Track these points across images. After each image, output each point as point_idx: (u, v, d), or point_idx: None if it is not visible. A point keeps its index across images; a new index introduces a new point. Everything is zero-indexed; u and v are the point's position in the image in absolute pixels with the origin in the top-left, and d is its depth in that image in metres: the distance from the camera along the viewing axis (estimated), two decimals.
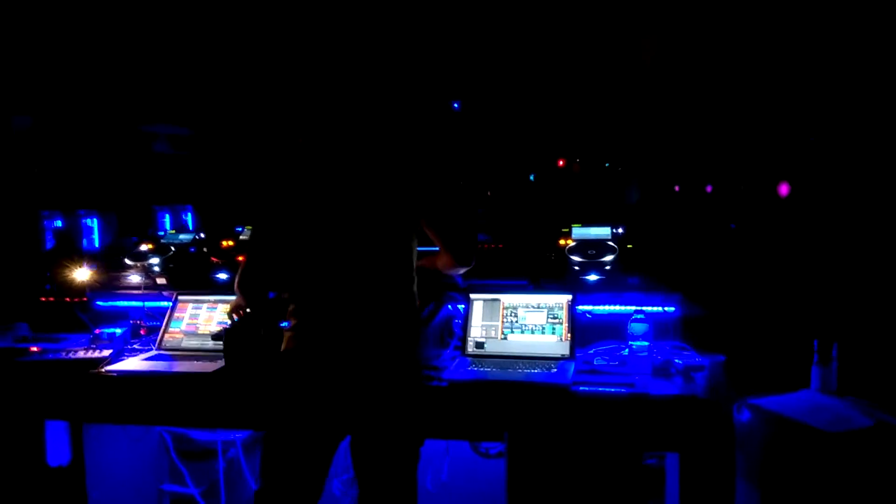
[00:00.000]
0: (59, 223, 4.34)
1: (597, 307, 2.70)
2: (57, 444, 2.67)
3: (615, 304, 2.68)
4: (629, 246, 2.94)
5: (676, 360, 2.39)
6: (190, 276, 3.28)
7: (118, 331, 2.85)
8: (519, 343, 2.58)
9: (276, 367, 2.10)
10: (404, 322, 2.07)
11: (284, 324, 2.21)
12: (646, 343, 2.40)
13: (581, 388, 2.23)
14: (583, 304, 2.68)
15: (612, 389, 2.22)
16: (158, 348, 2.80)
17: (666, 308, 2.62)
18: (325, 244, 2.05)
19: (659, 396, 2.17)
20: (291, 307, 2.09)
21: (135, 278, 3.27)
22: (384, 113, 2.16)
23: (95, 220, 4.49)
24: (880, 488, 1.81)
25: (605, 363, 2.46)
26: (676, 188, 10.52)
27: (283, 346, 2.09)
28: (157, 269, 3.30)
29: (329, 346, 2.02)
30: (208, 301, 2.92)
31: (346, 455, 2.13)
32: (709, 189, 9.26)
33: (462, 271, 2.42)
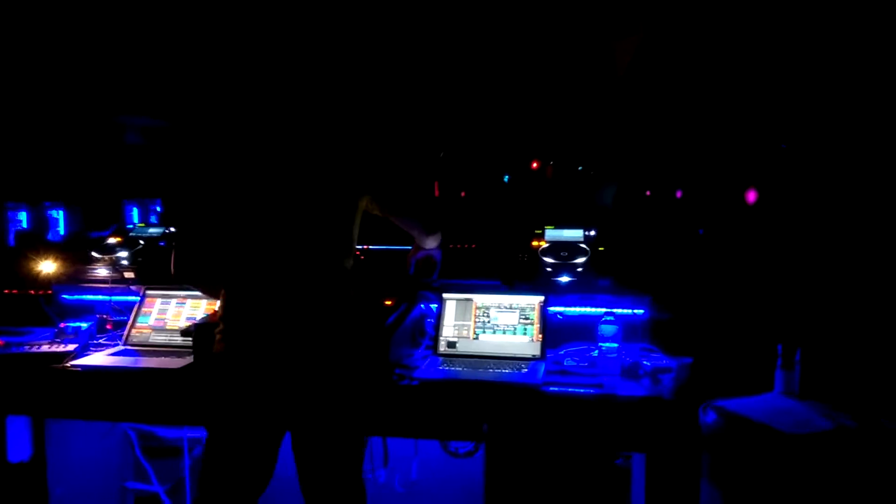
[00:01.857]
0: (23, 215, 4.25)
1: (568, 308, 2.73)
2: (18, 440, 2.62)
3: (586, 305, 2.71)
4: (601, 248, 2.97)
5: (645, 362, 2.42)
6: (159, 271, 3.23)
7: (84, 325, 2.80)
8: (491, 343, 2.60)
9: (206, 370, 2.04)
10: (335, 318, 2.01)
11: None
12: (615, 345, 2.44)
13: (551, 388, 2.25)
14: (554, 305, 2.71)
15: (582, 390, 2.24)
16: (125, 343, 2.76)
17: (635, 310, 2.66)
18: (255, 233, 1.99)
19: (627, 397, 2.20)
20: (220, 307, 2.03)
21: (102, 272, 3.21)
22: (326, 97, 2.13)
23: (61, 212, 4.40)
24: (839, 490, 1.85)
25: (575, 364, 2.48)
26: (647, 193, 10.65)
27: (213, 349, 2.02)
28: (125, 262, 3.25)
29: (259, 345, 1.95)
30: (177, 296, 2.89)
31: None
32: (679, 194, 9.39)
33: (433, 242, 2.51)
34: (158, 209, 5.21)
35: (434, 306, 2.74)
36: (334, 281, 2.03)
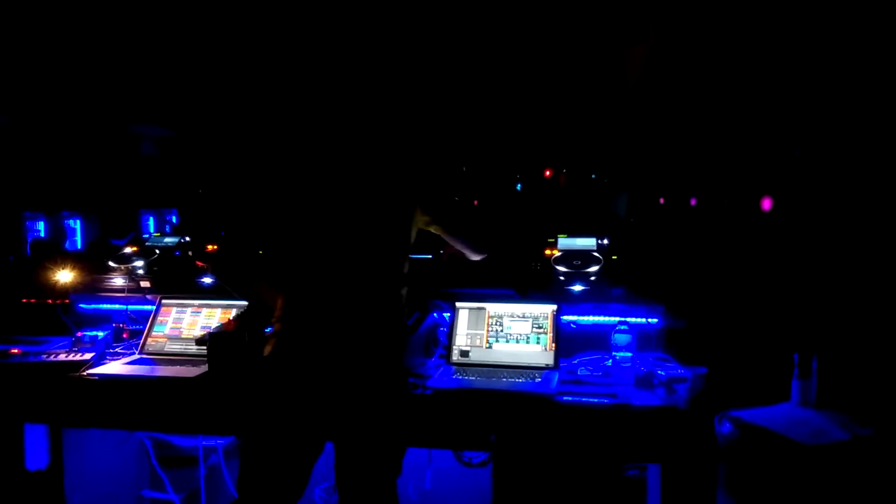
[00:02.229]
0: (41, 224, 4.30)
1: (581, 317, 2.72)
2: (36, 448, 2.64)
3: (599, 314, 2.70)
4: (614, 257, 2.96)
5: (659, 372, 2.41)
6: (174, 280, 3.26)
7: (100, 334, 2.82)
8: (504, 352, 2.59)
9: (257, 372, 2.08)
10: (392, 330, 2.06)
11: (271, 329, 2.20)
12: (629, 354, 2.42)
13: (565, 398, 2.24)
14: (567, 314, 2.70)
15: (595, 400, 2.23)
16: (141, 352, 2.78)
17: (649, 319, 2.64)
18: (319, 247, 2.04)
19: (641, 407, 2.18)
20: (278, 311, 2.07)
21: (118, 281, 3.24)
22: (380, 113, 2.17)
23: (78, 221, 4.46)
24: (857, 501, 1.83)
25: (589, 373, 2.47)
26: (661, 201, 10.60)
27: (265, 351, 2.06)
28: (141, 271, 3.28)
29: (314, 351, 2.00)
30: (192, 305, 2.91)
31: (327, 462, 2.12)
32: (693, 202, 9.34)
33: (478, 257, 2.51)
34: (174, 219, 5.26)
35: (447, 315, 2.74)
36: (390, 296, 2.07)
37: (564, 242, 3.00)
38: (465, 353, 2.61)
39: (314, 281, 2.04)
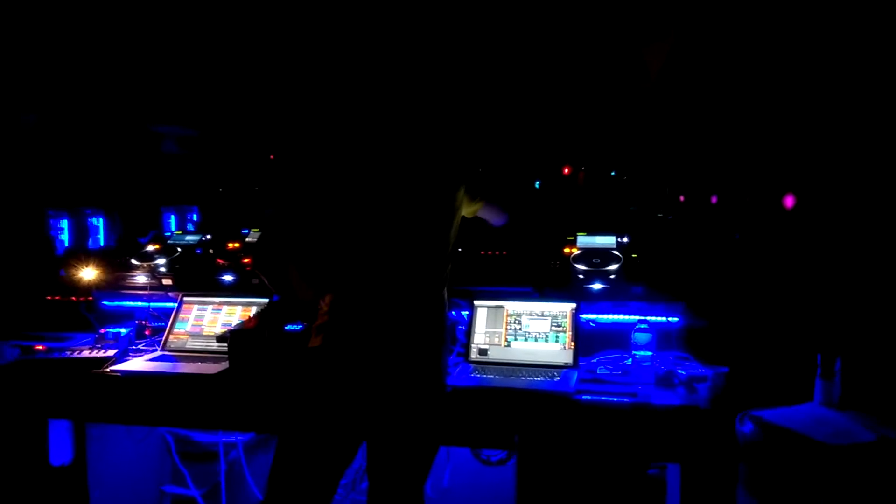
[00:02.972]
0: (65, 222, 4.36)
1: (601, 316, 2.71)
2: (60, 444, 2.69)
3: (619, 313, 2.69)
4: (634, 255, 2.94)
5: (679, 371, 2.39)
6: (195, 278, 3.30)
7: (123, 331, 2.86)
8: (522, 350, 2.59)
9: (301, 364, 2.05)
10: (435, 329, 2.04)
11: (291, 326, 2.21)
12: (649, 353, 2.41)
13: (584, 396, 2.23)
14: (587, 312, 2.69)
15: (615, 399, 2.22)
16: (163, 349, 2.82)
17: (669, 318, 2.62)
18: (365, 244, 2.03)
19: (661, 407, 2.17)
20: (325, 305, 2.05)
21: (141, 278, 3.28)
22: (418, 106, 2.17)
23: (101, 219, 4.51)
24: (881, 503, 1.81)
25: (609, 372, 2.46)
26: (682, 198, 10.52)
27: (309, 343, 2.03)
28: (163, 269, 3.32)
29: (361, 346, 1.98)
30: (213, 302, 2.94)
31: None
32: (714, 200, 9.25)
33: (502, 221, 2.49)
34: (195, 217, 5.31)
35: (465, 313, 2.74)
36: (433, 293, 2.06)
37: (584, 241, 2.99)
38: (483, 352, 2.61)
39: (361, 276, 2.03)
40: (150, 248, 3.41)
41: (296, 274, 2.12)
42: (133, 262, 3.37)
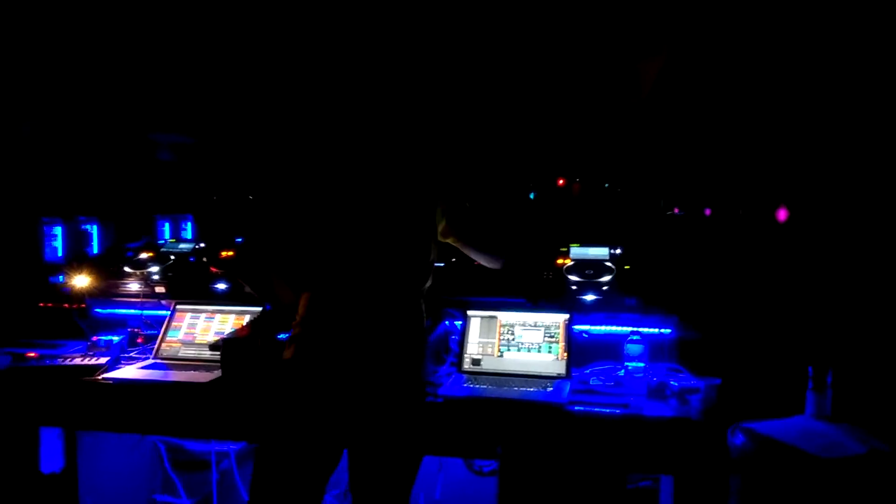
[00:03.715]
0: (58, 229, 4.34)
1: (593, 327, 2.71)
2: (51, 451, 2.67)
3: (612, 324, 2.70)
4: (626, 267, 2.95)
5: (672, 382, 2.40)
6: (189, 286, 3.29)
7: (115, 338, 2.85)
8: (515, 361, 2.59)
9: (275, 376, 2.07)
10: (412, 337, 2.05)
11: (284, 335, 2.20)
12: (641, 364, 2.42)
13: (576, 407, 2.24)
14: (580, 323, 2.69)
15: (608, 410, 2.23)
16: (155, 357, 2.81)
17: (662, 330, 2.63)
18: (342, 252, 2.04)
19: (654, 418, 2.17)
20: (299, 315, 2.06)
21: (134, 286, 3.27)
22: (402, 120, 2.18)
23: (95, 226, 4.49)
24: None
25: (601, 383, 2.47)
26: (675, 210, 10.56)
27: (285, 355, 2.04)
28: (156, 277, 3.31)
29: (334, 356, 1.98)
30: (206, 311, 2.93)
31: (338, 469, 2.12)
32: (707, 212, 9.30)
33: (497, 265, 2.44)
34: (189, 225, 5.29)
35: (458, 323, 2.75)
36: (410, 304, 2.06)
37: (577, 252, 3.00)
38: (476, 362, 2.61)
39: (336, 285, 2.03)
40: (144, 255, 3.41)
41: (278, 279, 2.13)
42: (126, 269, 3.36)
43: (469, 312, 2.71)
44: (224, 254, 3.51)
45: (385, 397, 1.99)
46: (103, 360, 2.68)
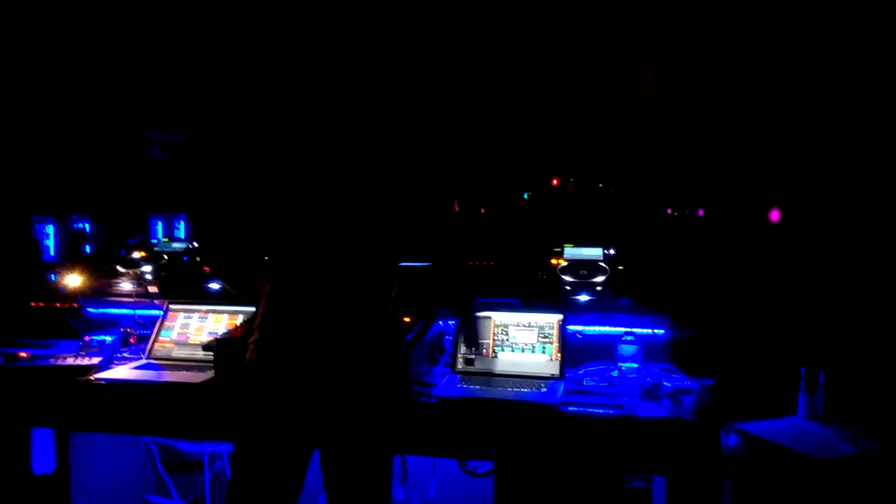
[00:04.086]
0: (50, 228, 4.32)
1: (587, 327, 2.72)
2: (42, 452, 2.66)
3: (605, 324, 2.70)
4: (620, 267, 2.96)
5: (665, 383, 2.40)
6: (182, 286, 3.28)
7: (108, 338, 2.84)
8: (509, 361, 2.59)
9: (238, 379, 2.05)
10: (373, 339, 2.02)
11: None
12: (635, 365, 2.42)
13: (570, 408, 2.24)
14: (573, 323, 2.70)
15: (601, 410, 2.23)
16: (148, 357, 2.80)
17: (655, 330, 2.64)
18: (304, 254, 2.01)
19: (647, 419, 2.18)
20: (258, 318, 2.04)
21: (126, 286, 3.26)
22: (383, 123, 2.17)
23: (87, 225, 4.47)
24: None
25: (595, 384, 2.47)
26: (669, 211, 10.60)
27: (246, 358, 2.02)
28: (149, 276, 3.30)
29: (293, 359, 1.96)
30: (199, 311, 2.92)
31: None
32: (701, 213, 9.33)
33: None
34: (183, 224, 5.28)
35: (452, 323, 2.74)
36: (374, 301, 2.04)
37: (571, 252, 3.01)
38: (470, 362, 2.61)
39: (295, 287, 2.01)
40: (137, 254, 3.39)
41: (259, 276, 2.11)
42: (119, 268, 3.34)
43: None
44: None
45: (345, 398, 1.96)
46: (96, 361, 2.67)
